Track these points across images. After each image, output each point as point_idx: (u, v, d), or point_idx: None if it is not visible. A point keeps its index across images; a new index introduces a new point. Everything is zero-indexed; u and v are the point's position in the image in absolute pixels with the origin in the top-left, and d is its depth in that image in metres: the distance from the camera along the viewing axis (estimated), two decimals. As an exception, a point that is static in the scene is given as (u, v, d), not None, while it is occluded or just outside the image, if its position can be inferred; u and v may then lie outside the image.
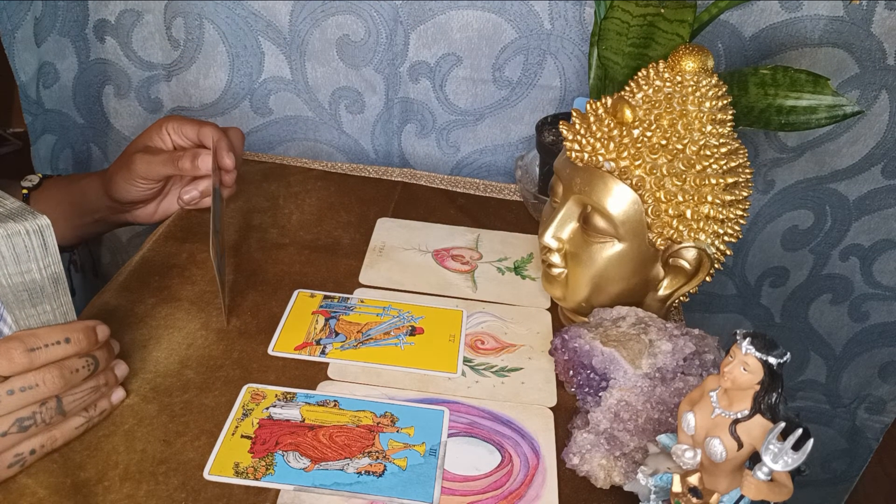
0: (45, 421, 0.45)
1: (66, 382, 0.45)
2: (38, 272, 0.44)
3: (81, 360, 0.46)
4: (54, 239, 0.44)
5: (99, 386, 0.48)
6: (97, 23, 0.84)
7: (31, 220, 0.43)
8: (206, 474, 0.47)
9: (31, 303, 0.45)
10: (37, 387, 0.44)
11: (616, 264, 0.55)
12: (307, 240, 0.70)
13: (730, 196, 0.52)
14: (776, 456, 0.35)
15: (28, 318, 0.45)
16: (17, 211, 0.44)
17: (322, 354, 0.57)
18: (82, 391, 0.47)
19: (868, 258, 0.91)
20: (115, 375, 0.50)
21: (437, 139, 0.87)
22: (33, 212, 0.44)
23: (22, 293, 0.44)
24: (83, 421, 0.48)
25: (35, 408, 0.44)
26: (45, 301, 0.46)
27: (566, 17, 0.78)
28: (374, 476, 0.48)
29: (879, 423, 1.03)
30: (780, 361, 0.36)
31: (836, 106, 0.59)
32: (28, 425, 0.44)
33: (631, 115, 0.53)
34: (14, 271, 0.43)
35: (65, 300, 0.47)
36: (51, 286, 0.45)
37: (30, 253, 0.44)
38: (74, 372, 0.46)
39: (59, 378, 0.44)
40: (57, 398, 0.45)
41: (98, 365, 0.47)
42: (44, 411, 0.45)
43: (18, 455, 0.45)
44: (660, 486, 0.43)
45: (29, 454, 0.45)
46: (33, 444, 0.45)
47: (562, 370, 0.56)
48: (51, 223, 0.44)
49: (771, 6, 0.75)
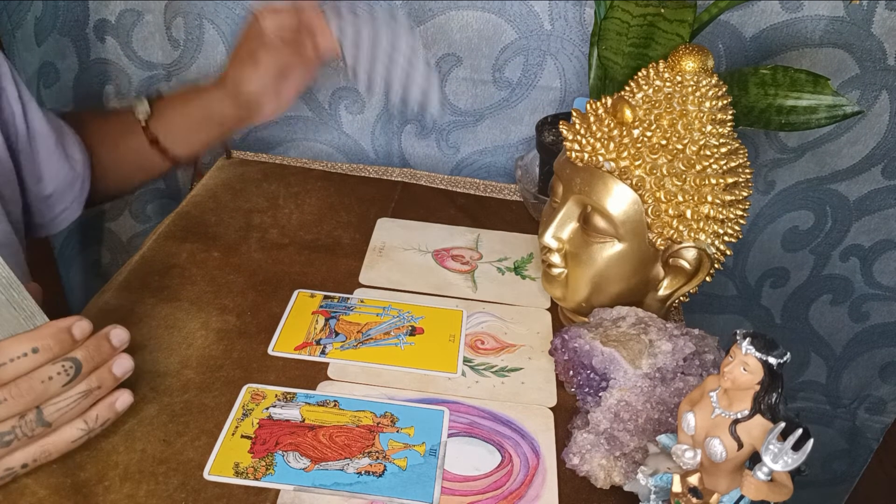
0: (26, 434, 0.42)
1: (39, 393, 0.42)
2: None
3: (55, 367, 0.42)
4: None
5: (90, 390, 0.44)
6: (97, 23, 0.84)
7: None
8: (206, 474, 0.47)
9: None
10: (5, 401, 0.40)
11: (616, 264, 0.55)
12: (307, 240, 0.70)
13: (730, 196, 0.52)
14: (776, 456, 0.35)
15: None
16: None
17: (322, 354, 0.57)
18: (67, 399, 0.43)
19: (868, 259, 0.91)
20: (111, 375, 0.45)
21: (437, 140, 0.87)
22: None
23: None
24: (81, 433, 0.45)
25: (14, 422, 0.41)
26: (1, 309, 0.42)
27: (566, 17, 0.78)
28: (374, 476, 0.48)
29: (879, 424, 1.03)
30: (780, 362, 0.36)
31: (837, 106, 0.59)
32: (9, 440, 0.42)
33: (631, 115, 0.53)
34: None
35: (25, 304, 0.43)
36: (2, 293, 0.42)
37: None
38: (47, 380, 0.42)
39: (28, 390, 0.41)
40: (37, 409, 0.42)
41: (80, 368, 0.43)
42: (23, 424, 0.42)
43: (9, 469, 0.43)
44: (660, 486, 0.43)
45: (20, 468, 0.43)
46: (24, 458, 0.43)
47: (562, 370, 0.56)
48: None
49: (771, 6, 0.75)
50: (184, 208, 0.73)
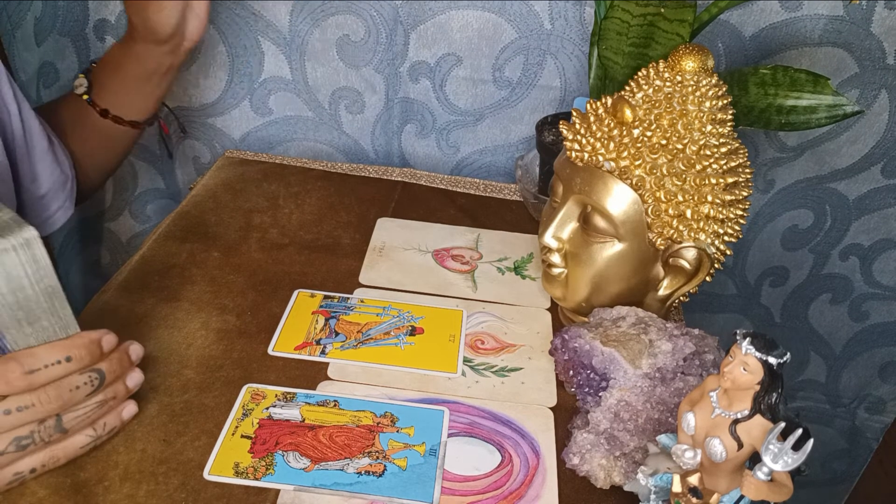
0: (44, 440, 0.43)
1: (66, 401, 0.43)
2: (30, 288, 0.42)
3: (83, 377, 0.44)
4: (44, 250, 0.41)
5: (106, 400, 0.46)
6: (97, 22, 0.84)
7: (18, 234, 0.40)
8: (206, 474, 0.47)
9: (27, 321, 0.42)
10: (33, 406, 0.42)
11: (616, 264, 0.55)
12: (307, 240, 0.70)
13: (730, 196, 0.52)
14: (776, 456, 0.35)
15: (26, 336, 0.43)
16: (4, 223, 0.41)
17: (322, 354, 0.57)
18: (86, 407, 0.45)
19: (868, 258, 0.91)
20: (125, 387, 0.48)
21: (437, 139, 0.87)
22: (20, 222, 0.41)
23: (17, 312, 0.42)
24: (89, 440, 0.46)
25: (33, 426, 0.43)
26: (42, 317, 0.43)
27: (566, 17, 0.78)
28: (374, 476, 0.48)
29: (879, 423, 1.03)
30: (780, 361, 0.36)
31: (837, 105, 0.59)
32: (26, 444, 0.43)
33: (631, 115, 0.53)
34: (6, 290, 0.41)
35: (63, 313, 0.44)
36: (46, 300, 0.43)
37: (19, 270, 0.41)
38: (75, 389, 0.43)
39: (56, 398, 0.42)
40: (57, 416, 0.43)
41: (104, 379, 0.45)
42: (42, 430, 0.43)
43: (18, 473, 0.43)
44: (660, 486, 0.43)
45: (29, 472, 0.44)
46: (34, 463, 0.44)
47: (562, 370, 0.56)
48: (38, 234, 0.41)
49: (771, 6, 0.75)
50: (184, 208, 0.73)
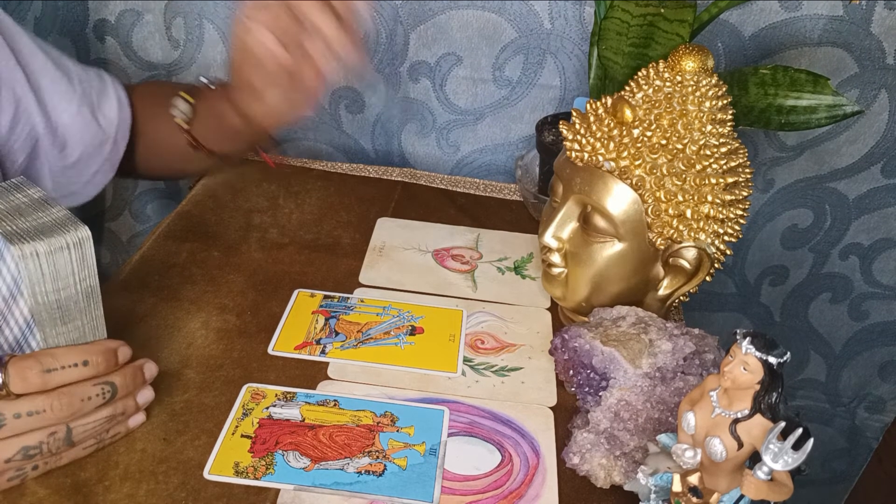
0: (51, 451, 0.43)
1: (76, 410, 0.43)
2: (73, 287, 0.42)
3: (96, 388, 0.44)
4: (93, 250, 0.42)
5: (115, 415, 0.46)
6: (97, 22, 0.84)
7: (73, 232, 0.41)
8: (206, 474, 0.47)
9: (62, 320, 0.43)
10: (44, 412, 0.42)
11: (616, 264, 0.55)
12: (307, 240, 0.70)
13: (730, 196, 0.52)
14: (776, 455, 0.35)
15: (58, 335, 0.43)
16: (61, 221, 0.42)
17: (322, 354, 0.57)
18: (95, 420, 0.45)
19: (868, 257, 0.91)
20: (135, 403, 0.48)
21: (437, 139, 0.87)
22: (76, 221, 0.42)
23: (55, 311, 0.42)
24: (93, 442, 0.46)
25: (42, 437, 0.42)
26: (77, 317, 0.44)
27: (566, 16, 0.78)
28: (374, 476, 0.48)
29: (879, 423, 1.03)
30: (780, 361, 0.36)
31: (836, 105, 0.59)
32: (33, 454, 0.42)
33: (631, 115, 0.53)
34: (51, 289, 0.41)
35: (96, 314, 0.45)
36: (84, 300, 0.44)
37: (68, 268, 0.42)
38: (86, 400, 0.43)
39: (68, 405, 0.42)
40: (67, 428, 0.43)
41: (115, 393, 0.45)
42: (51, 441, 0.43)
43: (20, 470, 0.44)
44: (660, 486, 0.43)
45: (31, 469, 0.44)
46: (36, 461, 0.44)
47: (562, 370, 0.56)
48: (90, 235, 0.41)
49: (771, 6, 0.75)
50: (184, 208, 0.73)
